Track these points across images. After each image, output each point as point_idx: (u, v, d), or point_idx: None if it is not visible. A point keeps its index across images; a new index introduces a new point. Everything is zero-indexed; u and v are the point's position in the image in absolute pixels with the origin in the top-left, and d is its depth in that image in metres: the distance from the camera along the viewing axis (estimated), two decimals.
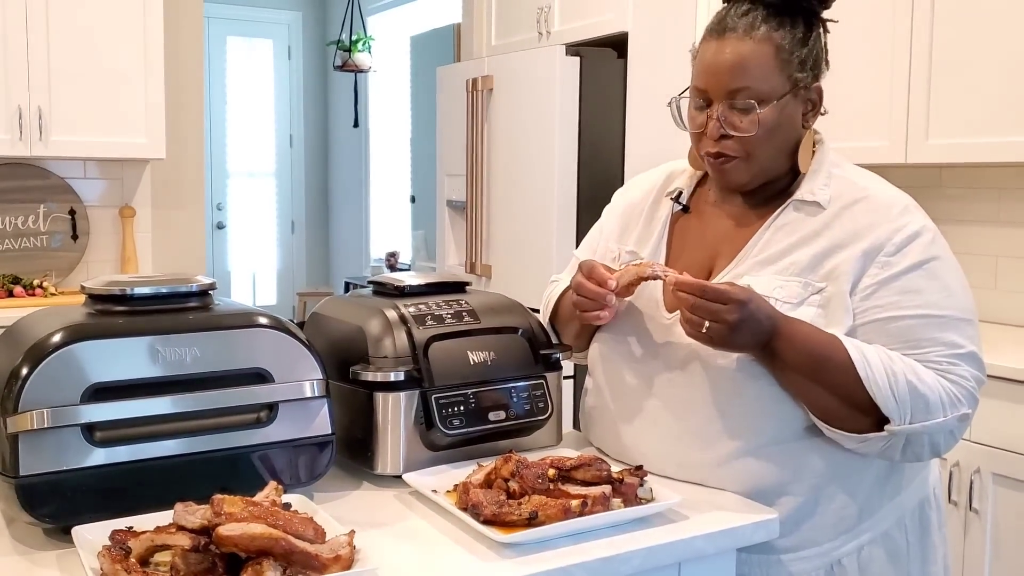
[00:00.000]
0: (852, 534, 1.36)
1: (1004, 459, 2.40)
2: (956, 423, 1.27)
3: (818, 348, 1.26)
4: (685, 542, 1.20)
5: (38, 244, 3.69)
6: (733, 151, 1.35)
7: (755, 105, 1.32)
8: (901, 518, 1.39)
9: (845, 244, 1.31)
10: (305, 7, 7.53)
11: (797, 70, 1.34)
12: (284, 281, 7.66)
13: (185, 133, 4.04)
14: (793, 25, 1.34)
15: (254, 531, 1.01)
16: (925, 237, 1.31)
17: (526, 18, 3.93)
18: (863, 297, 1.30)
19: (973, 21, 2.72)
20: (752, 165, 1.36)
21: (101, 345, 1.17)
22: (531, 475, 1.22)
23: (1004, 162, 2.73)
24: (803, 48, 1.35)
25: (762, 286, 1.31)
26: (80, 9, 3.43)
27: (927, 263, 1.30)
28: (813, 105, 1.38)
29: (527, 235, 3.57)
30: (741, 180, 1.38)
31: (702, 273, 1.40)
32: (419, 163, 6.29)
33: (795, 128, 1.37)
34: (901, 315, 1.28)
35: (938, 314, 1.29)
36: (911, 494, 1.40)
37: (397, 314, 1.41)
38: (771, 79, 1.32)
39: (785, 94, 1.33)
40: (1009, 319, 3.03)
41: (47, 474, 1.13)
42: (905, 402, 1.24)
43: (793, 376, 1.28)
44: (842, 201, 1.35)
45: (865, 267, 1.30)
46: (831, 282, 1.31)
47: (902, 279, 1.29)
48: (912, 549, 1.39)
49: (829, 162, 1.41)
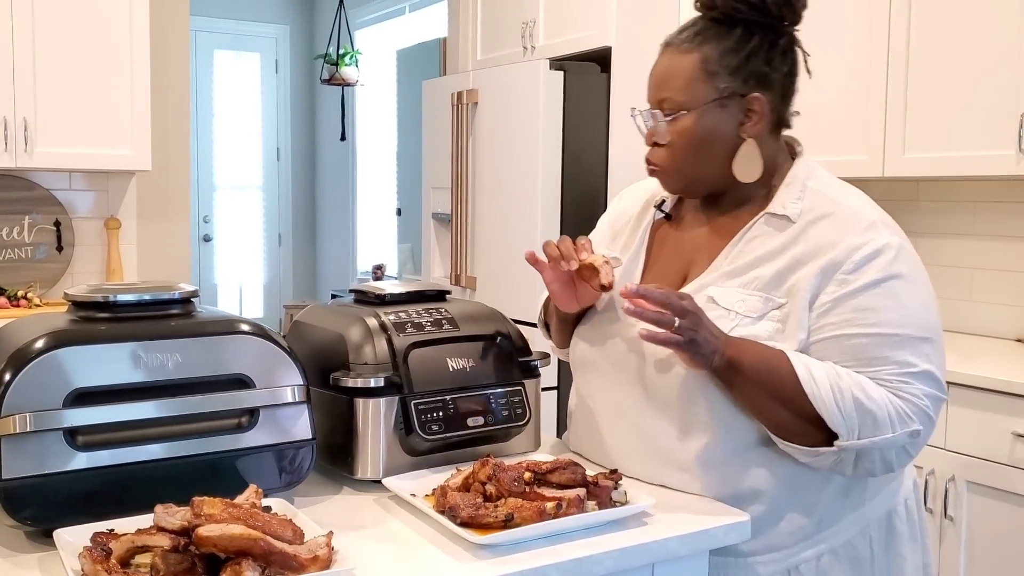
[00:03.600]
0: (811, 542, 1.37)
1: (978, 467, 2.44)
2: (907, 439, 1.28)
3: (767, 360, 1.29)
4: (658, 543, 1.22)
5: (23, 255, 3.70)
6: (659, 159, 1.41)
7: (676, 115, 1.36)
8: (866, 528, 1.40)
9: (807, 260, 1.32)
10: (292, 21, 7.56)
11: (725, 80, 1.35)
12: (271, 294, 7.66)
13: (171, 145, 4.06)
14: (727, 36, 1.36)
15: (233, 532, 1.02)
16: (887, 255, 1.31)
17: (511, 33, 3.97)
18: (819, 314, 1.31)
19: (948, 37, 2.78)
20: (680, 173, 1.40)
21: (84, 351, 1.19)
22: (507, 478, 1.24)
23: (979, 176, 2.78)
24: (734, 57, 1.35)
25: (725, 299, 1.35)
26: (66, 21, 3.45)
27: (886, 281, 1.30)
28: (751, 115, 1.37)
29: (511, 247, 3.60)
30: (674, 188, 1.44)
31: (676, 280, 1.43)
32: (405, 176, 6.32)
33: (728, 138, 1.37)
34: (855, 333, 1.29)
35: (892, 333, 1.29)
36: (877, 505, 1.42)
37: (377, 322, 1.43)
38: (692, 89, 1.36)
39: (708, 103, 1.35)
40: (984, 330, 3.08)
41: (29, 477, 1.14)
42: (852, 418, 1.26)
43: (749, 388, 1.29)
44: (811, 215, 1.36)
45: (823, 284, 1.31)
46: (791, 298, 1.32)
47: (859, 297, 1.29)
48: (877, 560, 1.41)
49: (805, 175, 1.41)
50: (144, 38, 3.59)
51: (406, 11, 6.45)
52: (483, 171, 3.76)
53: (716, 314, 1.33)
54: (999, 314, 3.03)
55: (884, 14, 2.91)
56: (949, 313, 3.18)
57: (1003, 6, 2.64)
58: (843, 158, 3.04)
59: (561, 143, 3.47)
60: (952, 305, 3.17)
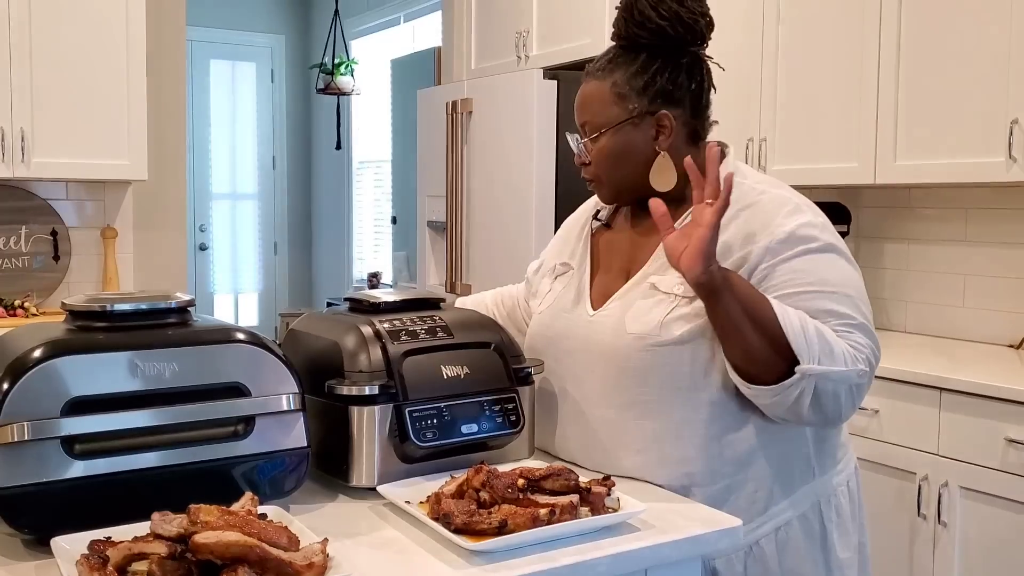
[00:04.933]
0: (767, 515, 1.47)
1: (971, 472, 2.45)
2: (856, 378, 1.37)
3: (748, 285, 1.37)
4: (651, 549, 1.23)
5: (20, 265, 3.71)
6: (589, 175, 1.56)
7: (595, 135, 1.51)
8: (816, 504, 1.51)
9: (739, 244, 1.43)
10: (288, 31, 7.59)
11: (634, 101, 1.49)
12: (267, 302, 7.66)
13: (168, 155, 4.07)
14: (634, 62, 1.50)
15: (229, 539, 1.03)
16: (814, 230, 1.43)
17: (505, 42, 3.99)
18: (758, 281, 1.41)
19: (939, 45, 2.80)
20: (609, 185, 1.54)
21: (81, 360, 1.20)
22: (501, 485, 1.25)
23: (970, 182, 2.80)
24: (640, 79, 1.49)
25: (665, 284, 1.46)
26: (63, 32, 3.47)
27: (817, 251, 1.41)
28: (662, 130, 1.49)
29: (506, 255, 3.62)
30: (607, 198, 1.58)
31: (620, 278, 1.55)
32: (400, 185, 6.33)
33: (644, 151, 1.50)
34: (795, 291, 1.39)
35: (831, 289, 1.39)
36: (826, 481, 1.52)
37: (372, 330, 1.45)
38: (606, 111, 1.50)
39: (622, 123, 1.49)
40: (976, 336, 3.09)
41: (27, 486, 1.15)
42: (813, 343, 1.33)
43: (733, 305, 1.34)
44: (738, 205, 1.45)
45: (760, 259, 1.41)
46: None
47: (792, 261, 1.41)
48: (828, 534, 1.51)
49: (728, 172, 1.51)
50: (140, 48, 3.60)
51: (401, 21, 6.48)
52: (478, 179, 3.77)
53: (656, 299, 1.45)
54: (991, 320, 3.05)
55: (875, 23, 2.94)
56: (942, 319, 3.19)
57: (993, 14, 2.66)
58: (835, 165, 3.06)
59: (555, 151, 3.49)
60: (945, 311, 3.19)
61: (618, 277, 1.56)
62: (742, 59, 3.20)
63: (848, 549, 1.54)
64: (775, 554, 1.47)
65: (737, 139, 3.23)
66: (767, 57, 3.20)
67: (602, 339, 1.50)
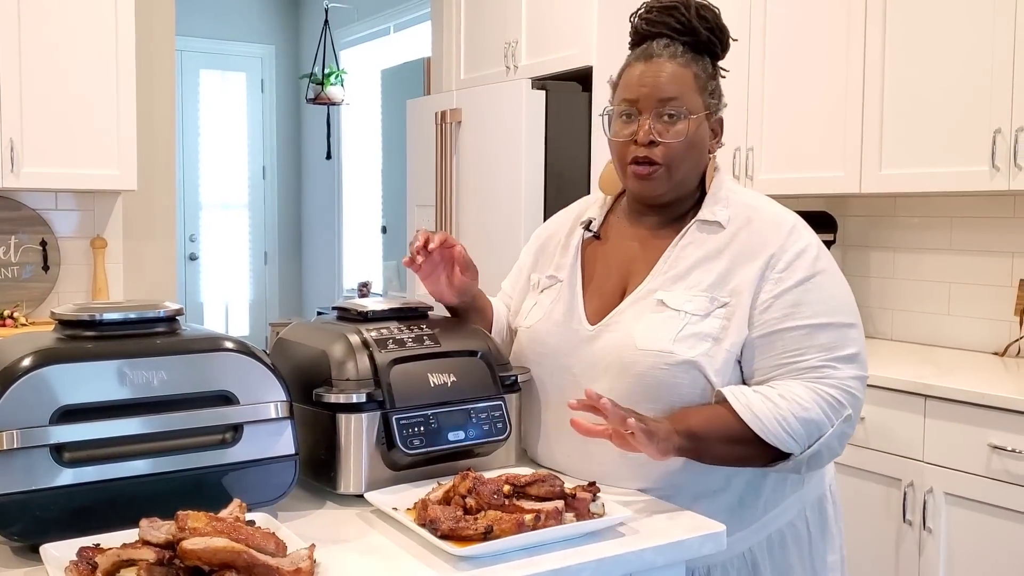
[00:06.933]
0: (760, 524, 1.50)
1: (956, 479, 2.47)
2: (843, 426, 1.43)
3: (712, 416, 1.40)
4: (635, 554, 1.25)
5: (9, 275, 3.71)
6: (659, 158, 1.48)
7: (682, 114, 1.47)
8: (802, 510, 1.55)
9: (744, 261, 1.46)
10: (278, 41, 7.60)
11: (709, 97, 1.51)
12: (257, 311, 7.66)
13: (157, 165, 4.08)
14: (703, 61, 1.52)
15: (217, 544, 1.05)
16: (810, 253, 1.47)
17: (494, 53, 4.01)
18: (761, 311, 1.44)
19: (923, 55, 2.83)
20: (672, 175, 1.50)
21: (70, 368, 1.21)
22: (487, 491, 1.27)
23: (955, 191, 2.83)
24: (712, 81, 1.52)
25: (674, 300, 1.45)
26: (53, 42, 3.47)
27: (812, 278, 1.45)
28: (716, 134, 1.54)
29: (494, 264, 3.62)
30: (660, 190, 1.51)
31: (616, 291, 1.53)
32: (390, 194, 6.35)
33: (705, 149, 1.53)
34: (792, 326, 1.43)
35: (824, 322, 1.43)
36: (811, 489, 1.57)
37: (360, 338, 1.46)
38: (694, 98, 1.49)
39: (703, 113, 1.50)
40: (961, 344, 3.12)
41: (16, 493, 1.16)
42: (800, 435, 1.39)
43: (713, 446, 1.40)
44: (739, 221, 1.49)
45: (761, 284, 1.45)
46: (735, 297, 1.45)
47: (791, 293, 1.44)
48: (814, 538, 1.56)
49: (726, 187, 1.55)
50: (130, 58, 3.61)
51: (391, 31, 6.50)
52: (467, 189, 3.79)
53: (666, 315, 1.44)
54: (976, 327, 3.08)
55: (860, 34, 2.97)
56: (927, 327, 3.22)
57: (976, 24, 2.70)
58: (821, 174, 3.09)
59: (544, 161, 3.51)
60: (930, 319, 3.21)
61: (615, 290, 1.54)
62: (729, 69, 3.22)
63: (834, 552, 1.57)
64: (767, 561, 1.51)
65: (724, 149, 3.24)
66: (754, 67, 3.23)
67: (608, 354, 1.48)
